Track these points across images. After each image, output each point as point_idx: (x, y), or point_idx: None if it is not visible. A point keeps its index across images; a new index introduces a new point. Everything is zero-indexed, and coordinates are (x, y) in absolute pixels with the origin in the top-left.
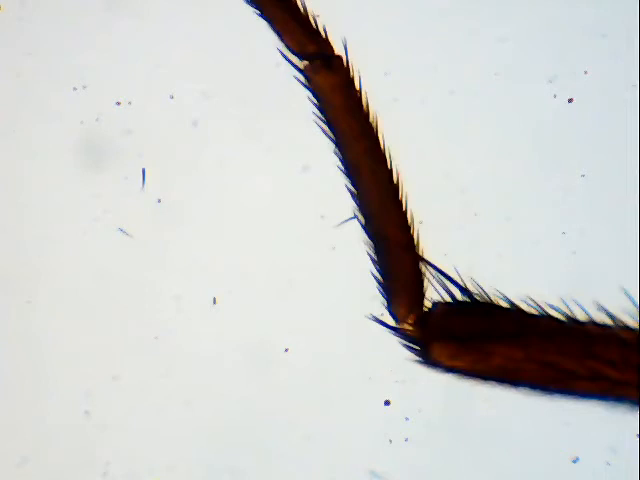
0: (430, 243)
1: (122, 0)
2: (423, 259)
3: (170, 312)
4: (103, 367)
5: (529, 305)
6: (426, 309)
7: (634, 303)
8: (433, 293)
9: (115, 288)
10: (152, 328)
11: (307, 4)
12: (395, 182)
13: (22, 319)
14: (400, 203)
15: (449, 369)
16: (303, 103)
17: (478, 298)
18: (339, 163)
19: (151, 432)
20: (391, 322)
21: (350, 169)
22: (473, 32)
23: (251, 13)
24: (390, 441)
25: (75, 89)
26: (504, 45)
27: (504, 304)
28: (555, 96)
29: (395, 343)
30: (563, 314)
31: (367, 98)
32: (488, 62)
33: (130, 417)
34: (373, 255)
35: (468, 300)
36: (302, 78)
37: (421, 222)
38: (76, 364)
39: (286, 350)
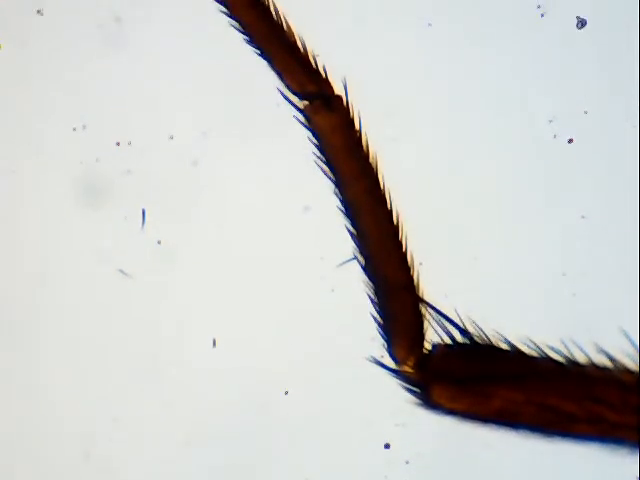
0: (430, 285)
1: (121, 40)
2: (423, 301)
3: (170, 353)
4: (103, 408)
5: (529, 347)
6: (426, 351)
7: (634, 345)
8: (433, 335)
9: (115, 329)
10: (152, 370)
11: (307, 44)
12: (395, 223)
13: (22, 361)
14: (400, 244)
15: (449, 411)
16: (303, 143)
17: (478, 340)
18: (339, 203)
19: (151, 473)
20: (391, 364)
21: (350, 210)
22: (473, 72)
23: (251, 53)
24: None
25: (75, 129)
26: (504, 85)
27: (504, 346)
28: (555, 136)
29: (395, 385)
30: (563, 356)
31: (367, 138)
32: (488, 102)
33: (130, 458)
34: (373, 296)
35: (468, 342)
36: (302, 118)
37: (421, 263)
38: (76, 405)
39: (286, 393)
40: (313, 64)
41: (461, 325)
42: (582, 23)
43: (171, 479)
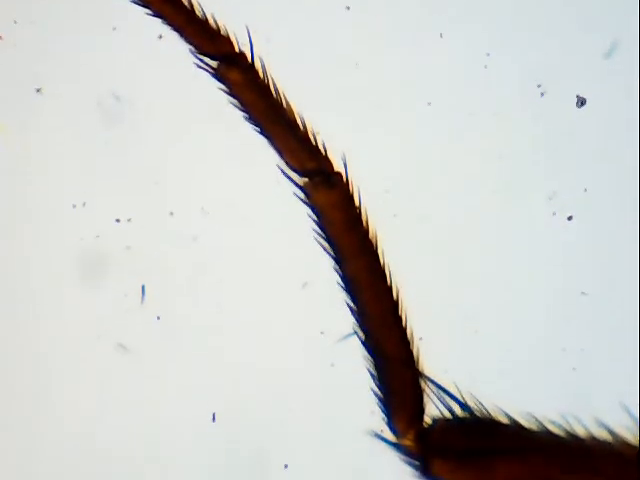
0: (430, 359)
1: (121, 117)
2: (423, 375)
3: (169, 429)
4: None
5: (529, 421)
6: (426, 425)
7: (634, 419)
8: (433, 409)
9: (114, 404)
10: (151, 445)
11: (307, 121)
12: (395, 298)
13: (23, 436)
14: (400, 319)
15: None
16: (303, 219)
17: (478, 414)
18: (339, 279)
19: None
20: (391, 437)
21: (350, 285)
22: (472, 150)
23: (251, 129)
24: None
25: (74, 206)
26: (504, 162)
27: (505, 420)
28: (554, 213)
29: (395, 459)
30: (563, 430)
31: (367, 215)
32: (487, 179)
33: None
34: (373, 370)
35: (468, 416)
36: (302, 195)
37: (421, 338)
38: None
39: (285, 466)
40: (313, 141)
41: (461, 399)
42: (582, 102)
43: None
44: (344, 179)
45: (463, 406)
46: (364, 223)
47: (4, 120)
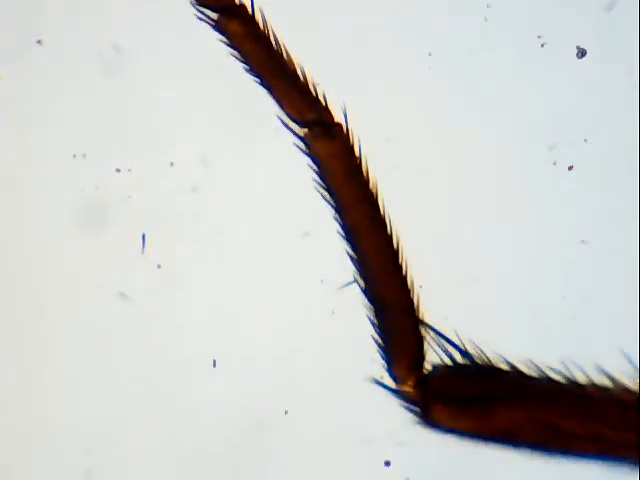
0: (430, 307)
1: (121, 68)
2: (423, 322)
3: (170, 375)
4: (103, 430)
5: (529, 367)
6: (426, 371)
7: (633, 366)
8: (433, 356)
9: (115, 352)
10: (152, 391)
11: (307, 72)
12: (395, 246)
13: (24, 383)
14: (400, 267)
15: (449, 430)
16: (303, 169)
17: (478, 361)
18: (339, 228)
19: None
20: (391, 384)
21: (350, 234)
22: (473, 100)
23: (251, 81)
24: None
25: (75, 157)
26: (504, 112)
27: (504, 367)
28: (555, 163)
29: (396, 405)
30: (563, 376)
31: (367, 165)
32: (489, 129)
33: (130, 478)
34: (373, 318)
35: (468, 363)
36: (302, 145)
37: (421, 286)
38: (77, 427)
39: (286, 412)
40: (313, 92)
41: (461, 346)
42: (582, 53)
43: None
44: (344, 130)
45: (463, 353)
46: (364, 173)
47: (5, 70)
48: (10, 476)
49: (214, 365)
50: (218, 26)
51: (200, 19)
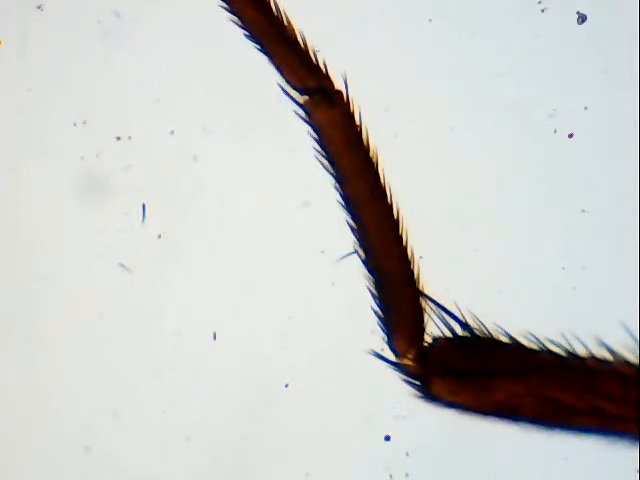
0: (431, 278)
1: (122, 36)
2: (424, 294)
3: (170, 347)
4: (103, 403)
5: (529, 340)
6: (427, 344)
7: (634, 338)
8: (434, 328)
9: (115, 323)
10: (152, 363)
11: (307, 39)
12: (395, 217)
13: (22, 354)
14: (400, 238)
15: (450, 404)
16: (303, 138)
17: (479, 333)
18: (339, 198)
19: (151, 468)
20: (392, 357)
21: (350, 204)
22: (473, 68)
23: (252, 48)
24: (390, 476)
25: (75, 125)
26: (504, 80)
27: (505, 339)
28: (555, 131)
29: (396, 378)
30: (563, 349)
31: (367, 133)
32: (488, 98)
33: (130, 453)
34: (373, 290)
35: (469, 335)
36: (302, 113)
37: (421, 257)
38: (76, 400)
39: (286, 386)
40: (313, 59)
41: (461, 318)
42: (582, 18)
43: (172, 473)
44: (345, 97)
45: (463, 325)
46: (364, 141)
47: (5, 36)
48: (8, 452)
49: (214, 338)
50: None
51: None
